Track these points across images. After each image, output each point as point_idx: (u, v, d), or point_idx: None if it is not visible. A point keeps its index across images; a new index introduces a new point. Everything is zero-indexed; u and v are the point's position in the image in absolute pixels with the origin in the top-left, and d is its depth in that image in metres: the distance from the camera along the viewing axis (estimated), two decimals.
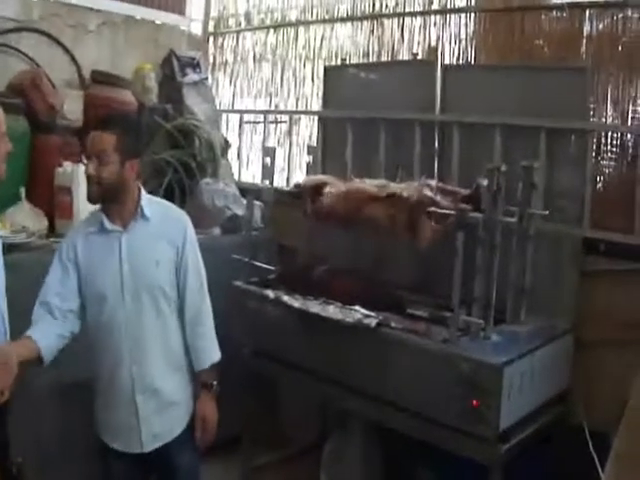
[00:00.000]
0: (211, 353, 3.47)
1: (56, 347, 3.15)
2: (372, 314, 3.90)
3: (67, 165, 4.76)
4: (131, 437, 3.32)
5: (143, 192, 3.36)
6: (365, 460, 4.47)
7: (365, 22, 5.68)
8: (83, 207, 4.56)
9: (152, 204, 3.37)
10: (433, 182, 4.10)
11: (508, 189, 3.76)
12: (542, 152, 4.20)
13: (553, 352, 3.86)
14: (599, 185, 4.34)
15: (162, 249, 3.31)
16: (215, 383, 3.46)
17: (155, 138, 5.56)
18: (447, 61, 5.06)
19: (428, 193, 3.93)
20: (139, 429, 3.30)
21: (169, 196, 5.34)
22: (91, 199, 3.23)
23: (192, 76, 6.04)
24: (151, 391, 3.30)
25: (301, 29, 6.19)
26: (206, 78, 6.26)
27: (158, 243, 3.31)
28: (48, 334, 3.12)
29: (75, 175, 4.64)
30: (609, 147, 4.34)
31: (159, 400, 3.33)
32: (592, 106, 4.32)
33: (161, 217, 3.36)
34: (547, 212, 4.04)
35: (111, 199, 3.23)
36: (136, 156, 3.26)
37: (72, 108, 5.17)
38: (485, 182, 3.68)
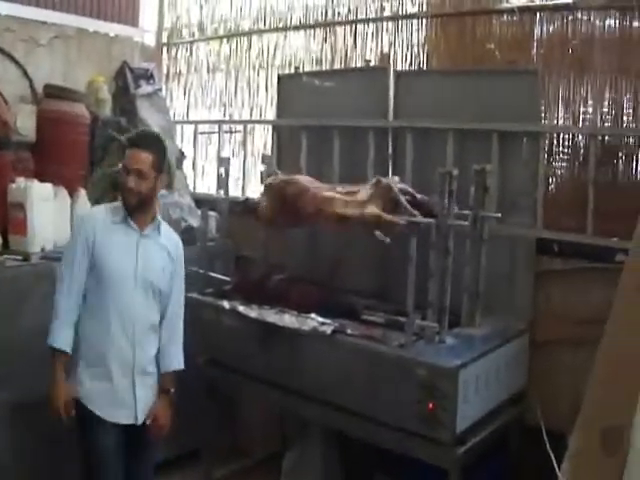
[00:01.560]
0: (179, 359, 3.80)
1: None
2: (328, 321, 3.93)
3: (20, 181, 4.73)
4: (126, 410, 3.59)
5: (159, 208, 3.80)
6: (325, 468, 4.50)
7: (318, 30, 5.71)
8: (37, 223, 4.58)
9: (162, 222, 3.78)
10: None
11: (461, 193, 3.81)
12: (495, 155, 4.25)
13: (509, 353, 3.90)
14: (552, 186, 4.40)
15: (166, 260, 3.70)
16: (173, 391, 3.76)
17: (110, 151, 5.54)
18: (400, 67, 5.10)
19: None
20: (135, 403, 3.60)
21: None
22: (129, 209, 3.59)
23: (146, 88, 6.01)
24: (145, 373, 3.64)
25: (254, 38, 6.21)
26: (160, 89, 6.24)
27: (164, 254, 3.70)
28: (70, 334, 3.52)
29: (29, 191, 4.61)
30: (561, 148, 4.40)
31: (149, 380, 3.67)
32: (543, 108, 4.38)
33: (166, 234, 3.77)
34: (500, 215, 4.08)
35: (141, 208, 3.60)
36: (163, 171, 3.68)
37: (25, 123, 5.14)
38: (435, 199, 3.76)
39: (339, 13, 5.59)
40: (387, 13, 5.30)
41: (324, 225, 4.30)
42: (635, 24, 4.15)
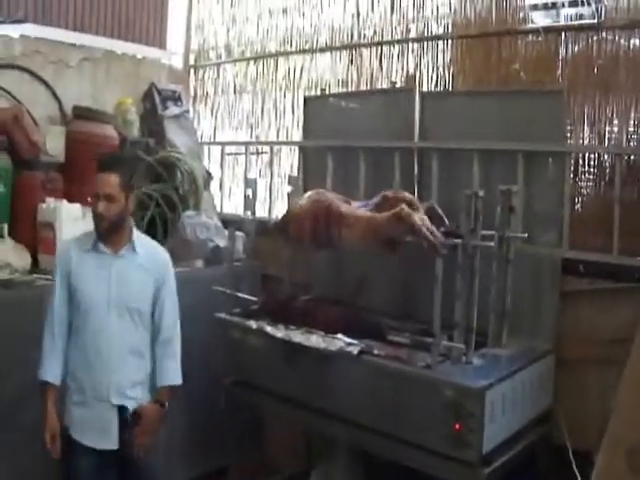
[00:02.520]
0: (175, 375, 3.78)
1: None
2: (354, 342, 3.95)
3: (50, 201, 4.81)
4: (105, 434, 3.59)
5: (134, 227, 3.77)
6: None
7: (344, 52, 5.77)
8: None
9: (141, 239, 3.77)
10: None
11: (487, 213, 3.82)
12: (520, 175, 4.26)
13: (535, 373, 3.91)
14: (577, 206, 4.41)
15: (145, 279, 3.68)
16: (167, 404, 3.76)
17: (137, 172, 5.60)
18: (425, 88, 5.13)
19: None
20: (114, 428, 3.60)
21: (152, 229, 5.38)
22: (101, 235, 3.59)
23: (173, 109, 6.10)
24: (125, 397, 3.62)
25: (281, 60, 6.28)
26: (187, 111, 6.32)
27: (142, 274, 3.67)
28: (58, 365, 3.57)
29: (58, 211, 4.69)
30: (587, 168, 4.42)
31: (132, 404, 3.64)
32: (569, 128, 4.40)
33: (147, 253, 3.72)
34: (526, 235, 4.10)
35: (114, 231, 3.60)
36: (132, 190, 3.66)
37: (54, 144, 5.21)
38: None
39: (365, 35, 5.64)
40: (412, 35, 5.35)
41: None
42: None
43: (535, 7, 4.72)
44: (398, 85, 5.27)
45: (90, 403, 3.57)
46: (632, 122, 4.28)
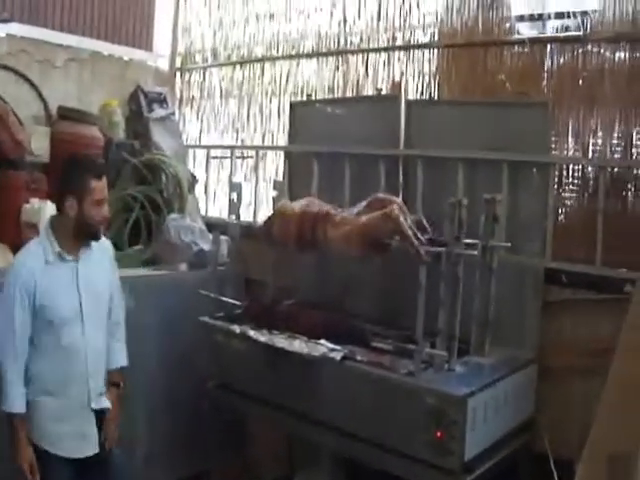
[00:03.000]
0: (123, 356, 3.88)
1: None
2: (337, 347, 3.96)
3: (34, 202, 4.79)
4: (86, 441, 3.59)
5: None
6: None
7: (330, 58, 5.79)
8: None
9: None
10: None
11: (471, 222, 3.83)
12: (504, 185, 4.27)
13: (517, 382, 3.93)
14: (561, 217, 4.45)
15: (104, 276, 3.72)
16: (122, 384, 3.83)
17: (122, 174, 5.60)
18: (411, 96, 5.15)
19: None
20: (94, 433, 3.61)
21: (136, 232, 5.38)
22: (99, 239, 3.66)
23: (159, 111, 6.09)
24: (101, 395, 3.65)
25: (267, 65, 6.29)
26: (173, 113, 6.32)
27: (100, 270, 3.69)
28: (24, 392, 3.45)
29: (42, 212, 4.66)
30: (570, 179, 4.45)
31: (105, 399, 3.68)
32: (553, 139, 4.43)
33: (96, 245, 3.69)
34: (509, 244, 4.11)
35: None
36: None
37: (39, 144, 5.20)
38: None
39: (351, 42, 5.66)
40: (399, 42, 5.37)
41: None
42: None
43: (521, 18, 4.76)
44: (384, 92, 5.29)
45: (69, 414, 3.53)
46: (616, 135, 4.33)
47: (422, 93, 5.18)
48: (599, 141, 4.39)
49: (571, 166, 4.44)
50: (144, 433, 4.69)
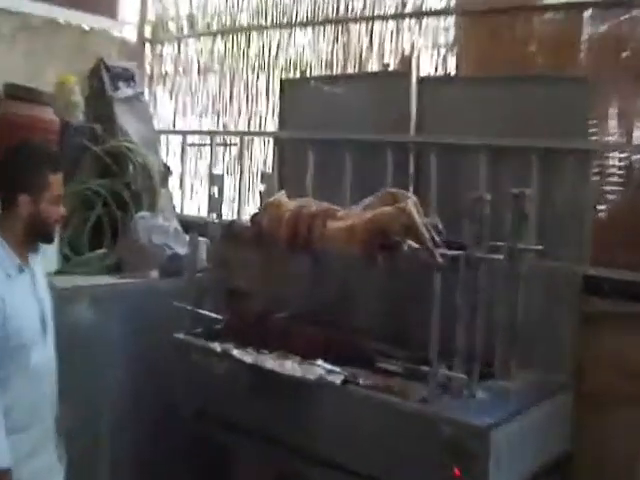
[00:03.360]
0: None
1: None
2: (337, 369, 3.95)
3: None
4: (58, 473, 3.68)
5: None
6: None
7: (328, 27, 5.79)
8: None
9: None
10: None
11: (495, 221, 3.83)
12: (535, 177, 4.28)
13: (550, 411, 3.93)
14: (602, 214, 4.43)
15: (45, 282, 3.72)
16: None
17: (81, 164, 5.59)
18: (423, 73, 5.14)
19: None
20: (61, 467, 3.70)
21: (98, 233, 5.37)
22: (53, 241, 3.76)
23: (125, 90, 6.08)
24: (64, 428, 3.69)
25: (254, 35, 6.29)
26: (142, 93, 6.31)
27: (42, 276, 3.70)
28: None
29: None
30: (613, 170, 4.43)
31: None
32: (593, 122, 4.41)
33: None
34: (541, 247, 4.08)
35: None
36: None
37: None
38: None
39: (353, 8, 5.66)
40: (409, 9, 5.36)
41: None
42: None
43: None
44: (391, 68, 5.30)
45: (42, 446, 3.54)
46: None
47: (436, 69, 5.18)
48: None
49: (614, 154, 4.43)
50: (108, 471, 4.68)
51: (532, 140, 4.31)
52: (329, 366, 4.00)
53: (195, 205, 6.47)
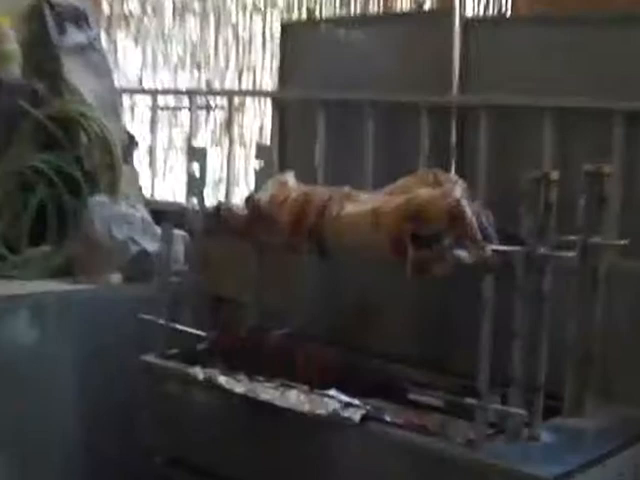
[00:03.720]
0: None
1: None
2: (356, 402, 3.93)
3: None
4: None
5: None
6: None
7: None
8: None
9: None
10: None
11: (564, 207, 3.83)
12: (617, 149, 4.26)
13: (639, 459, 3.89)
14: None
15: None
16: None
17: (18, 133, 5.60)
18: (469, 13, 5.14)
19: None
20: None
21: (40, 224, 5.37)
22: None
23: (75, 36, 6.08)
24: None
25: None
26: (98, 39, 6.31)
27: None
28: None
29: None
30: None
31: None
32: None
33: None
34: (625, 242, 4.07)
35: None
36: None
37: None
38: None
39: None
40: None
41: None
42: None
43: None
44: (427, 7, 5.30)
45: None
46: None
47: (486, 7, 5.18)
48: None
49: None
50: None
51: (614, 101, 4.27)
52: (346, 398, 3.97)
53: (169, 188, 6.47)
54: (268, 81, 6.01)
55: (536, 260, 3.70)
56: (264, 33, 6.15)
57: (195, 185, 4.86)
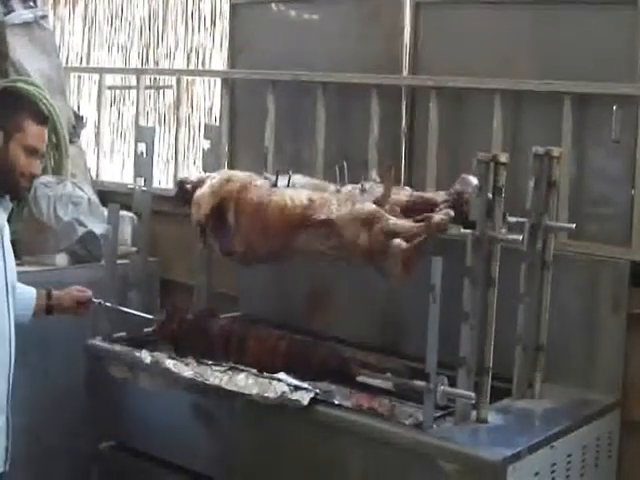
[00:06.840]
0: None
1: None
2: (305, 385, 3.96)
3: None
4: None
5: None
6: None
7: None
8: None
9: None
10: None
11: (513, 190, 3.87)
12: (567, 132, 4.30)
13: (587, 441, 3.93)
14: None
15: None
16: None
17: None
18: None
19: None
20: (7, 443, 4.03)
21: None
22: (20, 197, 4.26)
23: (21, 13, 6.07)
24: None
25: None
26: (45, 17, 6.30)
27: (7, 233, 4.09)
28: None
29: None
30: None
31: None
32: None
33: None
34: (574, 225, 4.10)
35: None
36: None
37: None
38: (475, 180, 3.78)
39: None
40: None
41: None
42: None
43: None
44: None
45: None
46: None
47: None
48: None
49: None
50: None
51: (563, 82, 4.31)
52: (294, 381, 4.00)
53: (116, 168, 6.47)
54: (218, 61, 6.01)
55: (485, 243, 3.71)
56: (213, 11, 6.14)
57: (143, 166, 4.86)
